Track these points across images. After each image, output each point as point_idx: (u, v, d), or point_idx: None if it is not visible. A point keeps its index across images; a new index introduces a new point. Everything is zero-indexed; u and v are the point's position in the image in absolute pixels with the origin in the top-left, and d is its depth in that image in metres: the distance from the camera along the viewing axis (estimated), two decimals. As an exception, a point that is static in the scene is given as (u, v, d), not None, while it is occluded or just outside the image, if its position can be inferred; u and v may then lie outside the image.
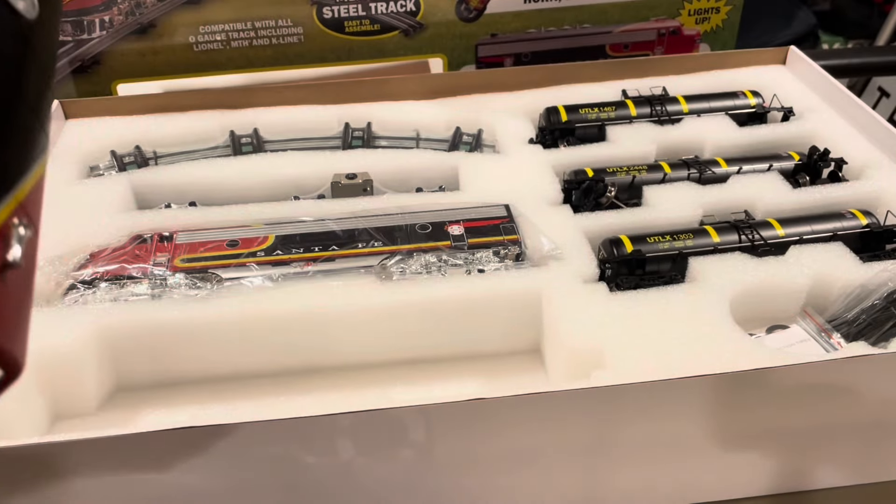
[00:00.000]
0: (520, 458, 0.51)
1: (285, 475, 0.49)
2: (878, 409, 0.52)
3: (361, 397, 0.55)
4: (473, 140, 0.80)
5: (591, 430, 0.50)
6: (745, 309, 0.58)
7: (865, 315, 0.58)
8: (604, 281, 0.60)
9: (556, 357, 0.57)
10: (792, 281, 0.60)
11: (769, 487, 0.55)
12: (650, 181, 0.71)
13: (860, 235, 0.64)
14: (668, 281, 0.61)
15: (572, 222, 0.66)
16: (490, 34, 0.96)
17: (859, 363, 0.49)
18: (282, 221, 0.65)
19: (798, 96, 0.84)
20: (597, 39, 0.98)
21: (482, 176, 0.72)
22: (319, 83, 0.85)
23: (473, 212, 0.66)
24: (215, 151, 0.79)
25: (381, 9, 0.92)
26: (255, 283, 0.60)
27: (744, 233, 0.63)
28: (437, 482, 0.51)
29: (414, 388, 0.59)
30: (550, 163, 0.73)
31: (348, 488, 0.50)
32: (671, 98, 0.82)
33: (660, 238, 0.63)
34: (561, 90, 0.85)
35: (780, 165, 0.73)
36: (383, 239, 0.63)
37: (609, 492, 0.54)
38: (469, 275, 0.61)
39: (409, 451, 0.49)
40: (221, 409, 0.57)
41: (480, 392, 0.46)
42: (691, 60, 0.89)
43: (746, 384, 0.49)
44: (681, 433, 0.51)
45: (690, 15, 0.98)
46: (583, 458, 0.51)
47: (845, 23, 1.72)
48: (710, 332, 0.55)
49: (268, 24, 0.92)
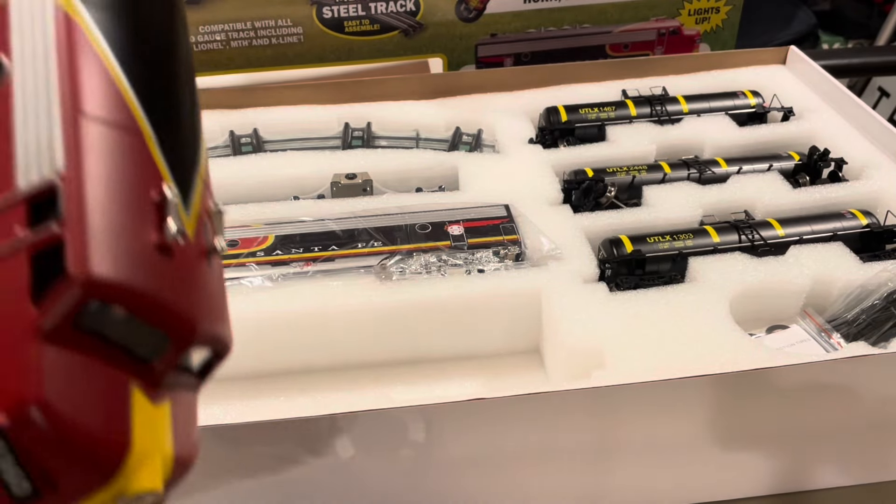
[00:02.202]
0: (520, 458, 0.51)
1: (284, 475, 0.49)
2: (879, 408, 0.52)
3: (361, 397, 0.55)
4: (473, 140, 0.80)
5: (591, 430, 0.50)
6: (745, 309, 0.58)
7: (865, 315, 0.58)
8: (604, 281, 0.60)
9: (556, 357, 0.57)
10: (792, 281, 0.59)
11: (769, 488, 0.55)
12: (650, 181, 0.71)
13: (860, 235, 0.64)
14: (668, 281, 0.61)
15: (572, 222, 0.66)
16: (490, 34, 0.96)
17: (859, 363, 0.49)
18: (281, 221, 0.65)
19: (798, 96, 0.84)
20: (597, 39, 0.98)
21: (482, 176, 0.72)
22: (319, 83, 0.85)
23: (473, 212, 0.66)
24: (215, 151, 0.79)
25: (381, 9, 0.92)
26: (255, 283, 0.59)
27: (744, 233, 0.63)
28: (437, 482, 0.51)
29: (414, 387, 0.59)
30: (550, 163, 0.73)
31: (348, 489, 0.50)
32: (671, 98, 0.82)
33: (660, 238, 0.62)
34: (561, 90, 0.85)
35: (780, 165, 0.73)
36: (383, 239, 0.63)
37: (609, 492, 0.54)
38: (469, 275, 0.61)
39: (408, 451, 0.49)
40: (220, 408, 0.57)
41: (480, 392, 0.46)
42: (691, 60, 0.89)
43: (746, 384, 0.49)
44: (681, 433, 0.51)
45: (690, 15, 0.98)
46: (583, 458, 0.51)
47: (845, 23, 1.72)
48: (710, 332, 0.55)
49: (267, 24, 0.92)
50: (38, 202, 0.19)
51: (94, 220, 0.19)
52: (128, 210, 0.20)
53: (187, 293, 0.21)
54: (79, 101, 0.20)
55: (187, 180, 0.23)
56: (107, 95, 0.21)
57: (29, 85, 0.21)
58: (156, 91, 0.23)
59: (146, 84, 0.22)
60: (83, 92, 0.21)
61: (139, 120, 0.21)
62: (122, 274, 0.19)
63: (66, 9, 0.22)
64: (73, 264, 0.18)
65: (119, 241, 0.19)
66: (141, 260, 0.20)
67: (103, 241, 0.19)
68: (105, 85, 0.21)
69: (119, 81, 0.21)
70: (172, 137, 0.23)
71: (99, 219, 0.19)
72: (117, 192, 0.20)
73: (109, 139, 0.20)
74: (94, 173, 0.20)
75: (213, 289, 0.23)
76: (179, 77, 0.24)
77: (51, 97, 0.20)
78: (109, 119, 0.21)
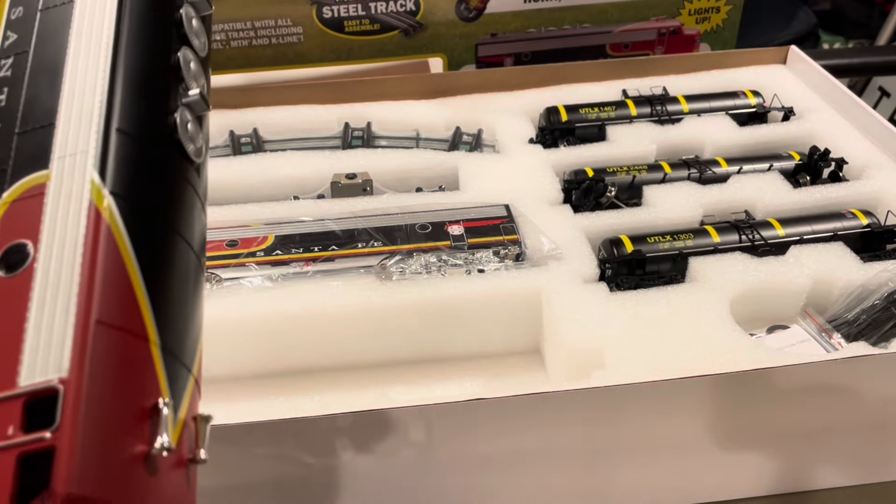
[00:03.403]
0: (520, 458, 0.51)
1: (284, 475, 0.49)
2: (879, 409, 0.52)
3: (361, 397, 0.55)
4: (473, 140, 0.80)
5: (592, 431, 0.50)
6: (746, 309, 0.58)
7: (866, 315, 0.58)
8: (604, 281, 0.60)
9: (556, 357, 0.57)
10: (792, 281, 0.59)
11: (770, 488, 0.55)
12: (650, 181, 0.71)
13: (861, 235, 0.64)
14: (669, 281, 0.61)
15: (572, 222, 0.66)
16: (490, 34, 0.96)
17: (860, 363, 0.49)
18: (281, 221, 0.65)
19: (798, 96, 0.84)
20: (597, 39, 0.98)
21: (482, 176, 0.72)
22: (319, 83, 0.85)
23: (473, 212, 0.66)
24: (215, 151, 0.79)
25: (381, 8, 0.92)
26: (255, 283, 0.59)
27: (744, 233, 0.63)
28: (437, 482, 0.51)
29: (414, 388, 0.59)
30: (550, 163, 0.73)
31: (348, 489, 0.50)
32: (671, 98, 0.82)
33: (660, 238, 0.62)
34: (561, 90, 0.85)
35: (781, 165, 0.73)
36: (383, 239, 0.63)
37: (609, 492, 0.54)
38: (469, 275, 0.61)
39: (408, 451, 0.49)
40: (220, 408, 0.57)
41: (480, 392, 0.46)
42: (691, 60, 0.89)
43: (747, 384, 0.49)
44: (681, 433, 0.51)
45: (690, 14, 0.98)
46: (583, 458, 0.51)
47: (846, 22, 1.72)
48: (710, 332, 0.55)
49: (267, 24, 0.92)
50: (35, 401, 0.19)
51: (87, 434, 0.19)
52: (122, 423, 0.20)
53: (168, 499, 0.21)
54: (96, 308, 0.20)
55: (181, 389, 0.23)
56: (124, 305, 0.21)
57: (51, 280, 0.21)
58: (171, 301, 0.23)
59: (163, 293, 0.22)
60: (102, 299, 0.20)
61: (150, 331, 0.21)
62: (103, 492, 0.19)
63: (99, 208, 0.22)
64: (60, 482, 0.18)
65: (107, 457, 0.19)
66: (125, 476, 0.19)
67: (93, 456, 0.19)
68: (124, 293, 0.21)
69: (139, 291, 0.21)
70: (178, 346, 0.23)
71: (92, 432, 0.19)
72: (116, 404, 0.20)
73: (118, 348, 0.20)
74: (97, 381, 0.19)
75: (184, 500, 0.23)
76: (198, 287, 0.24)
77: (70, 299, 0.20)
78: (122, 327, 0.21)
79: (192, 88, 0.25)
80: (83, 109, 0.23)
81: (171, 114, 0.24)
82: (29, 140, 0.23)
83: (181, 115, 0.24)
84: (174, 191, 0.24)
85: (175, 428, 0.22)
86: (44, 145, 0.23)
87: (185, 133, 0.24)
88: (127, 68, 0.24)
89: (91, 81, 0.23)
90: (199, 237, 0.25)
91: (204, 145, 0.26)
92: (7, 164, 0.23)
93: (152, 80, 0.24)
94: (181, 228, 0.24)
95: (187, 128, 0.24)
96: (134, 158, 0.22)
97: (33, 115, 0.23)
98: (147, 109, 0.24)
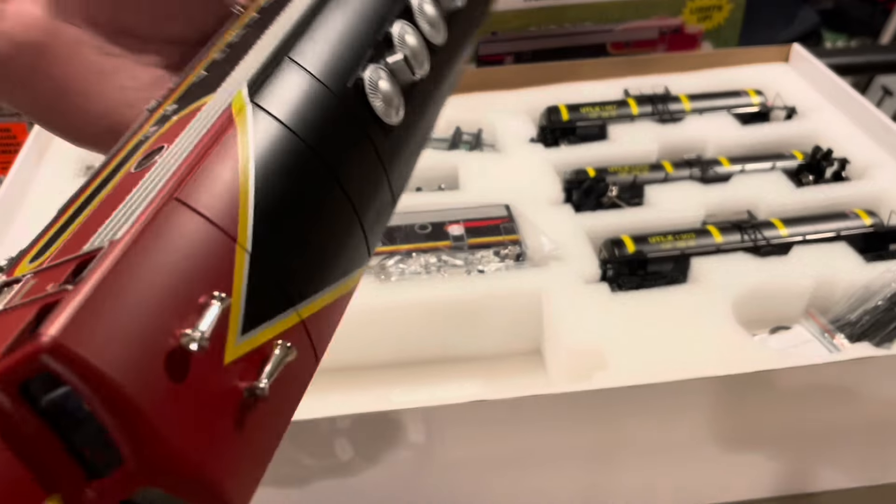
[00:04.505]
0: (520, 459, 0.50)
1: (284, 476, 0.49)
2: (882, 410, 0.52)
3: (361, 399, 0.55)
4: (473, 139, 0.80)
5: (593, 432, 0.50)
6: (748, 310, 0.57)
7: (869, 316, 0.58)
8: (605, 281, 0.60)
9: (557, 358, 0.57)
10: (795, 281, 0.59)
11: (772, 489, 0.55)
12: (652, 181, 0.71)
13: (864, 236, 0.64)
14: (671, 281, 0.61)
15: (573, 222, 0.65)
16: (491, 32, 0.95)
17: (863, 364, 0.49)
18: (281, 221, 0.65)
19: (801, 95, 0.83)
20: (598, 38, 0.98)
21: (482, 175, 0.72)
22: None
23: (473, 212, 0.65)
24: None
25: (382, 7, 0.92)
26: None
27: (746, 233, 0.63)
28: (438, 484, 0.51)
29: (414, 389, 0.59)
30: (551, 162, 0.73)
31: (348, 490, 0.50)
32: (673, 97, 0.82)
33: (662, 238, 0.62)
34: (562, 89, 0.85)
35: (784, 165, 0.73)
36: (383, 239, 0.62)
37: (610, 493, 0.53)
38: (469, 275, 0.60)
39: (408, 452, 0.49)
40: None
41: (481, 393, 0.46)
42: (693, 59, 0.88)
43: (749, 385, 0.48)
44: (683, 435, 0.51)
45: (692, 13, 0.98)
46: (584, 459, 0.51)
47: (848, 21, 1.72)
48: (712, 333, 0.54)
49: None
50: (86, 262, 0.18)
51: (102, 292, 0.16)
52: (158, 302, 0.17)
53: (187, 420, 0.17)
54: (181, 188, 0.19)
55: (267, 314, 0.20)
56: (217, 197, 0.19)
57: (160, 169, 0.20)
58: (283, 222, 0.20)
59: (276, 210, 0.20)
60: (192, 183, 0.19)
61: (241, 235, 0.19)
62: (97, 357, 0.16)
63: (233, 112, 0.21)
64: (46, 324, 0.16)
65: (118, 325, 0.16)
66: (140, 361, 0.16)
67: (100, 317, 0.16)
68: (223, 189, 0.19)
69: (243, 195, 0.20)
70: (278, 269, 0.20)
71: (111, 294, 0.17)
72: (159, 278, 0.18)
73: (191, 229, 0.19)
74: (146, 247, 0.18)
75: (232, 436, 0.18)
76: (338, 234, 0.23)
77: (164, 180, 0.19)
78: (206, 215, 0.19)
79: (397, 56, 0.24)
80: (269, 43, 0.23)
81: (362, 69, 0.23)
82: (218, 71, 0.23)
83: (374, 72, 0.23)
84: (339, 134, 0.23)
85: (239, 346, 0.19)
86: (225, 74, 0.23)
87: (375, 90, 0.23)
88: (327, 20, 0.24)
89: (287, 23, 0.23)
90: (363, 188, 0.24)
91: (407, 114, 0.25)
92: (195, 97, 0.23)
93: (351, 35, 0.24)
94: (335, 166, 0.22)
95: (378, 85, 0.23)
96: (303, 90, 0.22)
97: (235, 51, 0.24)
98: (332, 54, 0.23)
